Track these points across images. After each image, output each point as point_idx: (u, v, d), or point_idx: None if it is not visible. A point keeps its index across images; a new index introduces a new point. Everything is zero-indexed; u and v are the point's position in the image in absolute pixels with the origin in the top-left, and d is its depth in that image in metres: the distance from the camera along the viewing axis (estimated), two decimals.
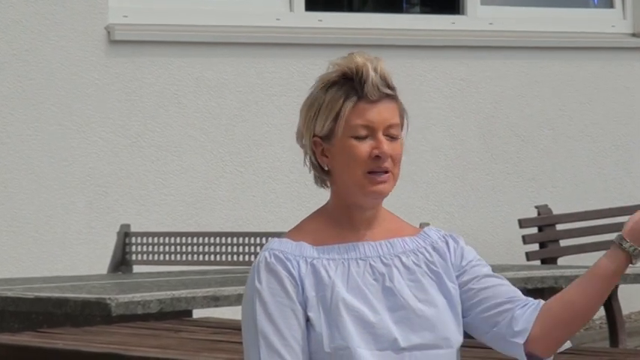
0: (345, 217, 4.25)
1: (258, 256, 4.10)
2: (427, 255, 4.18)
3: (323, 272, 4.16)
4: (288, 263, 4.16)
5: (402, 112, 4.14)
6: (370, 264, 4.17)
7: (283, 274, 4.15)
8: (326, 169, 4.15)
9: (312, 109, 4.16)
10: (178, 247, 10.33)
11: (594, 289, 4.03)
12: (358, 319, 4.12)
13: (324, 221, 4.27)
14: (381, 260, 4.18)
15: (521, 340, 4.12)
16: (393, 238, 4.20)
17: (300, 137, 4.17)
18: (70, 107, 11.16)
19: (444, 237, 4.19)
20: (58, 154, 11.06)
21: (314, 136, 4.12)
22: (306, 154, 4.16)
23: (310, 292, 4.14)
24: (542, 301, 4.14)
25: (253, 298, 4.20)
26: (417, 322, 4.13)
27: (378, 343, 4.12)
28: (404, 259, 4.15)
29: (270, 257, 4.17)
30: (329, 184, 4.20)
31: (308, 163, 4.17)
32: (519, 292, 4.16)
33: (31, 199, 10.99)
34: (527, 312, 4.14)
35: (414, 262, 4.16)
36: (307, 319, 4.14)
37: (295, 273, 4.16)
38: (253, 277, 4.18)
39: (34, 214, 10.98)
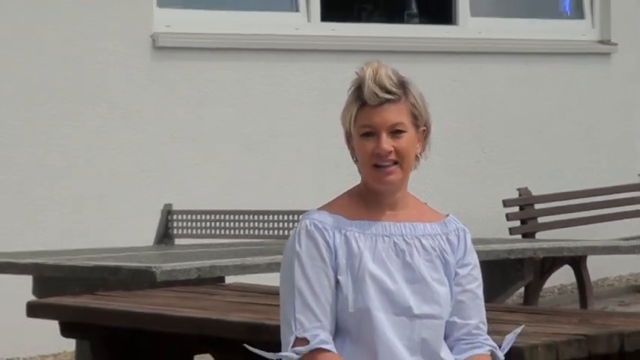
0: (373, 198, 4.55)
1: (299, 224, 4.46)
2: (442, 243, 4.51)
3: (354, 243, 4.44)
4: (326, 233, 4.44)
5: (411, 110, 4.45)
6: (394, 241, 4.46)
7: (321, 241, 4.44)
8: (354, 160, 4.55)
9: (343, 111, 4.73)
10: (213, 223, 10.41)
11: None
12: (380, 286, 4.41)
13: (356, 199, 4.56)
14: (404, 239, 4.48)
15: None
16: (415, 222, 4.51)
17: (345, 135, 4.61)
18: (120, 104, 11.25)
19: (457, 230, 4.54)
20: (112, 144, 11.13)
21: (346, 132, 4.65)
22: (348, 146, 4.59)
23: (342, 260, 4.42)
24: (471, 357, 4.48)
25: (292, 260, 4.46)
26: (429, 296, 4.44)
27: (394, 308, 4.42)
28: (423, 241, 4.47)
29: (311, 226, 4.46)
30: (360, 171, 4.54)
31: (350, 155, 4.58)
32: (475, 323, 4.54)
33: (91, 183, 10.99)
34: (458, 353, 4.54)
35: (430, 246, 4.48)
36: (337, 282, 4.43)
37: (331, 242, 4.43)
38: (294, 241, 4.45)
39: (93, 196, 10.96)
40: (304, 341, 4.50)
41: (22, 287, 8.07)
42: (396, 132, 4.51)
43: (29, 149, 10.92)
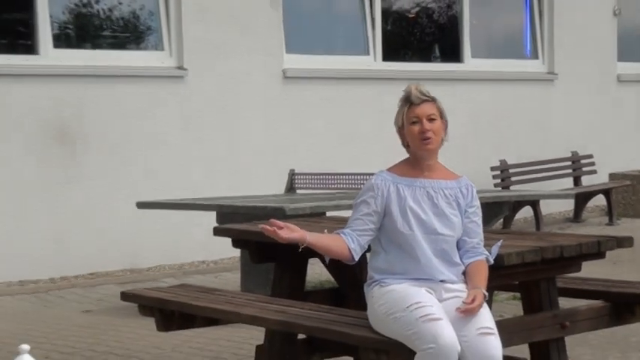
0: (416, 164, 4.63)
1: (372, 176, 4.64)
2: (457, 192, 4.61)
3: (401, 191, 4.57)
4: (384, 183, 4.59)
5: (440, 109, 4.58)
6: (427, 190, 4.59)
7: (380, 187, 4.59)
8: (405, 142, 4.67)
9: (397, 114, 4.69)
10: (319, 180, 10.20)
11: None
12: (416, 216, 4.53)
13: (405, 165, 4.67)
14: (432, 189, 4.60)
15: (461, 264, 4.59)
16: (440, 179, 4.62)
17: (397, 129, 4.69)
18: (263, 110, 11.06)
19: (467, 186, 4.65)
20: (257, 136, 10.99)
21: (399, 127, 4.67)
22: (400, 136, 4.68)
23: (394, 199, 4.53)
24: (475, 262, 4.57)
25: (363, 191, 4.63)
26: (447, 223, 4.55)
27: (426, 229, 4.52)
28: (445, 191, 4.59)
29: (378, 178, 4.60)
30: (408, 148, 4.65)
31: (400, 139, 4.67)
32: (477, 241, 4.62)
33: (248, 159, 10.89)
34: (465, 259, 4.60)
35: (449, 194, 4.60)
36: (389, 214, 4.53)
37: (385, 189, 4.57)
38: (368, 183, 4.62)
39: (250, 167, 10.86)
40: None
41: (210, 218, 8.01)
42: (430, 119, 4.64)
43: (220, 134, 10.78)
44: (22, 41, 9.83)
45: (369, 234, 4.58)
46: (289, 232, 4.47)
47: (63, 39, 10.06)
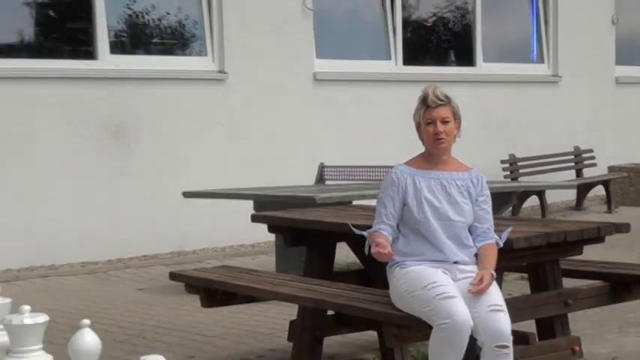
0: (431, 158, 4.62)
1: (391, 169, 4.64)
2: (468, 183, 4.59)
3: (417, 182, 4.57)
4: (402, 175, 4.59)
5: (453, 111, 4.56)
6: (440, 181, 4.58)
7: (398, 180, 4.59)
8: (422, 138, 4.67)
9: (415, 112, 4.69)
10: (347, 172, 10.11)
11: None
12: (431, 205, 4.53)
13: (421, 158, 4.66)
14: (446, 181, 4.58)
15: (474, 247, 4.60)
16: (453, 171, 4.61)
17: (416, 125, 4.68)
18: (298, 107, 11.04)
19: (477, 177, 4.62)
20: (292, 129, 11.00)
21: (417, 124, 4.67)
22: (417, 132, 4.66)
23: (410, 191, 4.53)
24: (485, 245, 4.54)
25: (384, 186, 4.63)
26: (459, 210, 4.54)
27: (440, 216, 4.51)
28: (457, 182, 4.58)
29: (396, 171, 4.61)
30: (423, 144, 4.64)
31: (418, 134, 4.66)
32: (487, 226, 4.59)
33: (280, 159, 10.88)
34: (477, 243, 4.57)
35: (461, 184, 4.58)
36: (407, 204, 4.54)
37: (403, 181, 4.58)
38: (388, 176, 4.62)
39: (287, 158, 10.89)
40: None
41: (248, 206, 7.98)
42: (444, 122, 4.63)
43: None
44: (83, 48, 9.86)
45: (395, 223, 4.60)
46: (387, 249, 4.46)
47: (119, 46, 10.10)
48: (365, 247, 4.69)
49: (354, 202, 7.55)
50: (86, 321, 3.48)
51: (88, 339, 3.49)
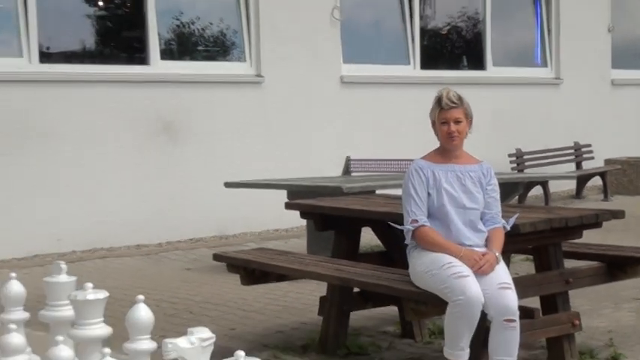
0: (446, 153, 4.56)
1: (411, 164, 4.58)
2: (479, 174, 4.55)
3: (436, 174, 4.51)
4: (422, 170, 4.53)
5: (465, 111, 4.52)
6: (456, 173, 4.54)
7: (420, 172, 4.52)
8: (437, 135, 4.66)
9: (431, 111, 4.68)
10: (370, 165, 10.27)
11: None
12: (449, 194, 4.49)
13: (436, 153, 4.61)
14: (461, 173, 4.54)
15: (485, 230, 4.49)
16: (466, 164, 4.57)
17: (431, 123, 4.65)
18: (320, 115, 11.01)
19: (487, 169, 4.59)
20: (314, 133, 10.92)
21: (432, 122, 4.68)
22: (433, 129, 4.63)
23: (431, 182, 4.49)
24: (493, 229, 4.49)
25: (407, 182, 4.54)
26: (473, 199, 4.50)
27: (456, 204, 4.48)
28: (471, 173, 4.54)
29: (416, 165, 4.55)
30: (438, 139, 4.60)
31: (433, 131, 4.62)
32: (495, 212, 4.54)
33: (310, 153, 10.90)
34: (486, 226, 4.53)
35: (474, 175, 4.55)
36: (429, 194, 4.52)
37: (424, 174, 4.52)
38: (409, 171, 4.55)
39: (318, 159, 10.84)
40: (415, 221, 4.54)
41: (282, 195, 7.99)
42: (457, 122, 4.60)
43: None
44: (137, 55, 9.91)
45: (427, 211, 4.53)
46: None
47: (168, 53, 10.13)
48: (406, 237, 4.59)
49: (377, 192, 7.53)
50: (141, 297, 3.50)
51: (143, 313, 3.52)
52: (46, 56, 9.24)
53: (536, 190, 12.15)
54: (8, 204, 8.88)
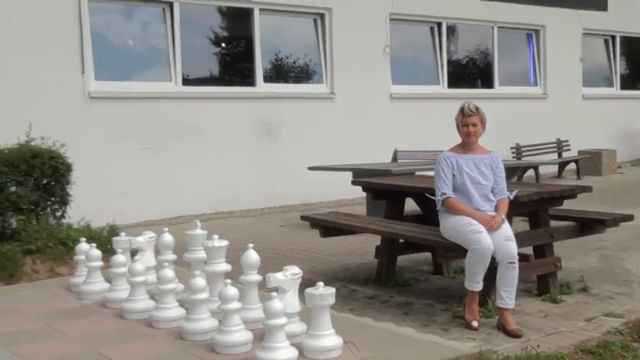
0: (465, 147, 4.37)
1: (441, 154, 4.41)
2: (490, 161, 4.39)
3: (459, 162, 4.35)
4: (449, 158, 4.37)
5: (481, 118, 4.36)
6: (474, 161, 4.36)
7: (447, 160, 4.35)
8: (460, 133, 4.54)
9: (456, 116, 4.57)
10: (411, 154, 10.01)
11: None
12: (468, 175, 4.33)
13: (459, 147, 4.42)
14: (477, 160, 4.37)
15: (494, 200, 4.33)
16: (481, 154, 4.38)
17: (456, 125, 4.53)
18: (377, 122, 10.66)
19: (495, 157, 4.41)
20: (372, 134, 10.61)
21: (457, 124, 4.56)
22: (457, 129, 4.47)
23: (455, 167, 4.33)
24: (500, 199, 4.29)
25: (438, 167, 4.39)
26: (485, 178, 4.35)
27: (474, 182, 4.33)
28: (484, 160, 4.37)
29: (444, 155, 4.38)
30: (460, 136, 4.42)
31: (457, 130, 4.46)
32: (502, 187, 4.35)
33: (369, 147, 10.62)
34: (495, 197, 4.36)
35: (487, 163, 4.38)
36: (454, 175, 4.38)
37: (450, 162, 4.35)
38: (439, 159, 4.38)
39: (375, 151, 10.54)
40: (444, 194, 4.43)
41: (349, 175, 7.86)
42: (474, 125, 4.44)
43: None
44: (247, 79, 9.87)
45: (452, 187, 4.41)
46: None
47: (268, 77, 10.05)
48: (437, 205, 4.45)
49: (416, 173, 7.41)
50: (250, 245, 3.54)
51: (252, 255, 3.55)
52: (187, 81, 9.33)
53: (530, 172, 11.88)
54: (166, 180, 8.97)
